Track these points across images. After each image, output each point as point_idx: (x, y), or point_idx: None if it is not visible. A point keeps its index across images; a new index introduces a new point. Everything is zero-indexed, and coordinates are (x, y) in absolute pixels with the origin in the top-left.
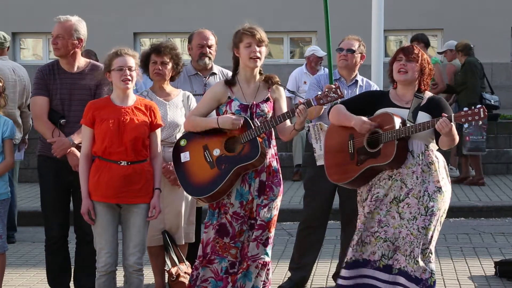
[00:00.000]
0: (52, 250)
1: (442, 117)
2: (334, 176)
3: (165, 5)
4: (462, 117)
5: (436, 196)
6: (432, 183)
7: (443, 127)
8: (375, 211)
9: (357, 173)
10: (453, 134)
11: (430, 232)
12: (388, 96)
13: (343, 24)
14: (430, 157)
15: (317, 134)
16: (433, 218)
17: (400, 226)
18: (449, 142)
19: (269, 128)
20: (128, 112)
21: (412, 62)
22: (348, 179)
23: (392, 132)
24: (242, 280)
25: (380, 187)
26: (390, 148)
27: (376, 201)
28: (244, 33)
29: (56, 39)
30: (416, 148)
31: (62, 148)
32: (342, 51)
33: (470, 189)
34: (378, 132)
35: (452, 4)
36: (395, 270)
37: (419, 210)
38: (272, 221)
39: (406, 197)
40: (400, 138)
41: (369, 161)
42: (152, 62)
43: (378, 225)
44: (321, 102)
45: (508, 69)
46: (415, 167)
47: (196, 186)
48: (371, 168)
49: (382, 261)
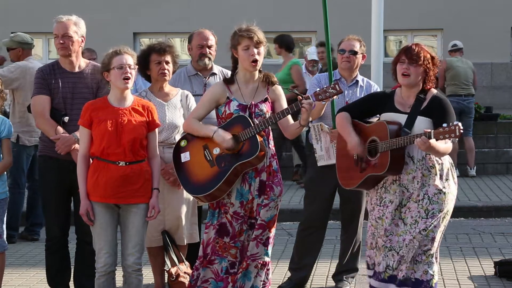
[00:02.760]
0: (52, 250)
1: (422, 135)
2: (343, 180)
3: (165, 5)
4: (440, 134)
5: (437, 198)
6: (432, 186)
7: (420, 145)
8: (383, 217)
9: (360, 180)
10: (434, 148)
11: (432, 234)
12: (392, 98)
13: (343, 24)
14: (431, 161)
15: (317, 135)
16: (435, 220)
17: (404, 233)
18: (437, 155)
19: (268, 125)
20: (126, 113)
21: (414, 65)
22: (353, 185)
23: (386, 143)
24: (242, 280)
25: (387, 192)
26: (385, 158)
27: (383, 207)
28: (242, 35)
29: (63, 38)
30: (417, 153)
31: (67, 145)
32: (344, 53)
33: (470, 189)
34: (376, 141)
35: (452, 4)
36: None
37: (420, 213)
38: (272, 221)
39: (408, 202)
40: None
41: (369, 169)
42: (156, 63)
43: (384, 234)
44: (320, 98)
45: (508, 69)
46: (415, 172)
47: (196, 184)
48: (371, 177)
49: (387, 272)
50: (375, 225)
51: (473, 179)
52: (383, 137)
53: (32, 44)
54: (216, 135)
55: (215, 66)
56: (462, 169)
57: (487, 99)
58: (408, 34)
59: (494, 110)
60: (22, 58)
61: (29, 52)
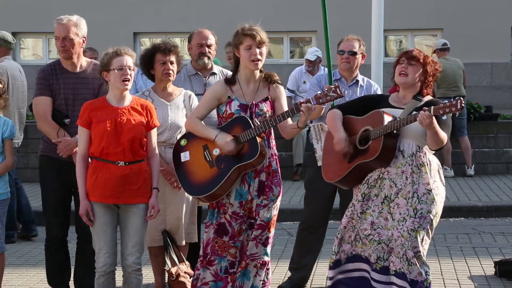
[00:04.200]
0: (52, 250)
1: (423, 111)
2: (328, 174)
3: (165, 5)
4: (440, 109)
5: (426, 199)
6: (422, 185)
7: (424, 119)
8: (367, 211)
9: (347, 170)
10: (435, 128)
11: (420, 235)
12: (387, 99)
13: (343, 24)
14: (421, 158)
15: (317, 135)
16: (422, 221)
17: (392, 227)
18: (434, 139)
19: (269, 127)
20: (125, 112)
21: (413, 66)
22: (339, 177)
23: (380, 128)
24: (241, 279)
25: (371, 186)
26: (377, 144)
27: (368, 201)
28: (244, 35)
29: (64, 41)
30: (407, 148)
31: (69, 148)
32: (344, 54)
33: (470, 188)
34: (369, 129)
35: (452, 4)
36: (392, 272)
37: (408, 211)
38: (271, 221)
39: (396, 197)
40: (387, 134)
41: (358, 158)
42: (161, 63)
43: (371, 227)
44: (320, 102)
45: (508, 69)
46: (404, 167)
47: (195, 185)
48: (360, 166)
49: (378, 264)
50: (357, 219)
51: (473, 179)
52: (377, 124)
53: (12, 44)
54: (218, 138)
55: (215, 65)
56: (460, 168)
57: (487, 99)
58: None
59: (494, 110)
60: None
61: (7, 52)
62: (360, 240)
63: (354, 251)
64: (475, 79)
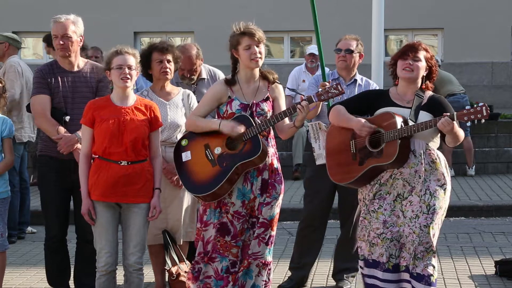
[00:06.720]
0: (52, 249)
1: (444, 116)
2: (336, 176)
3: (165, 5)
4: (464, 116)
5: (438, 194)
6: (433, 181)
7: (445, 126)
8: (379, 210)
9: (360, 173)
10: (456, 132)
11: (432, 230)
12: (388, 95)
13: (343, 24)
14: (431, 155)
15: (315, 133)
16: (435, 216)
17: (403, 224)
18: (454, 140)
19: (270, 125)
20: (128, 112)
21: (418, 62)
22: (350, 179)
23: (394, 132)
24: (243, 278)
25: (383, 185)
26: (392, 147)
27: (379, 199)
28: (241, 34)
29: (62, 39)
30: (418, 147)
31: (70, 145)
32: (340, 52)
33: (471, 188)
34: (380, 131)
35: (452, 4)
36: (402, 268)
37: (421, 208)
38: (274, 219)
39: (410, 195)
40: (402, 137)
41: (371, 161)
42: (158, 62)
43: (384, 226)
44: (322, 98)
45: (508, 69)
46: (417, 166)
47: (197, 184)
48: (373, 168)
49: (390, 262)
50: (369, 218)
51: (473, 179)
52: (390, 126)
53: (20, 43)
54: (223, 125)
55: (203, 69)
56: (461, 168)
57: (488, 98)
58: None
59: (495, 110)
60: (6, 55)
61: (16, 51)
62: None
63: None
64: (475, 78)
